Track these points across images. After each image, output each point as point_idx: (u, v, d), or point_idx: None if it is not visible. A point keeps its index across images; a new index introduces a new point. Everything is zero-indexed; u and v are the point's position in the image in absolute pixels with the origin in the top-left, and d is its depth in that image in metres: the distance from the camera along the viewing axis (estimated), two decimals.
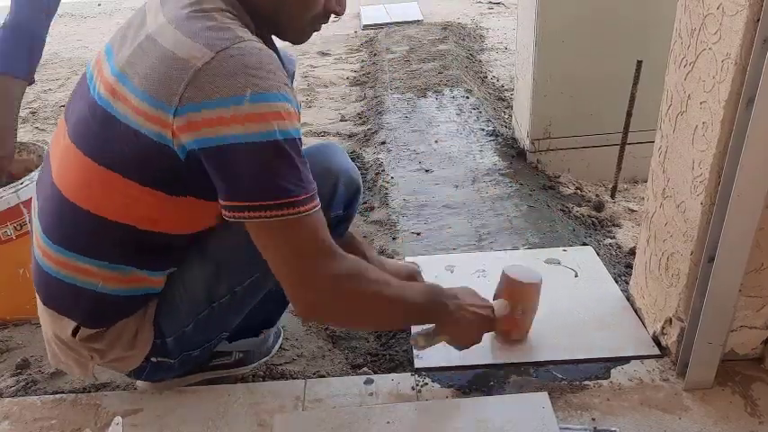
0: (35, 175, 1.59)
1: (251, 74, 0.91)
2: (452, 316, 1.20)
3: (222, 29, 0.95)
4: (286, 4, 1.05)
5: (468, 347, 1.29)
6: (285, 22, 1.08)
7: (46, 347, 1.23)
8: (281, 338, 1.51)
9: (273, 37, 1.13)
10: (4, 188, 1.55)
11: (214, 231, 1.12)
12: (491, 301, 1.32)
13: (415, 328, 1.31)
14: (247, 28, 1.00)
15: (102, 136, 1.00)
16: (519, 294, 1.34)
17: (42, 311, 1.16)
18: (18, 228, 1.59)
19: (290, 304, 1.45)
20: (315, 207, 0.97)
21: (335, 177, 1.20)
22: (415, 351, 1.41)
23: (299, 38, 1.13)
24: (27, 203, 1.58)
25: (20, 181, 1.57)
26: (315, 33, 1.14)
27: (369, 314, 1.11)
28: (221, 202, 0.96)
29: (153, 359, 1.18)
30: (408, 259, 1.81)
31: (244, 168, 0.92)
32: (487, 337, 1.45)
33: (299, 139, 0.96)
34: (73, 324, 1.11)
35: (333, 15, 1.11)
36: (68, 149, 1.06)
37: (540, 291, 1.35)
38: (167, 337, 1.16)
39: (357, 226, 2.10)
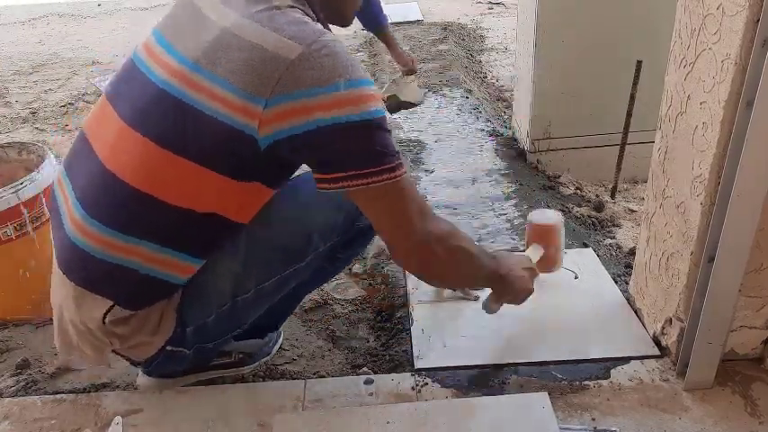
0: (35, 175, 1.59)
1: (340, 63, 0.99)
2: (510, 280, 1.30)
3: (303, 23, 1.02)
4: None
5: (520, 303, 1.37)
6: (342, 9, 1.19)
7: (56, 336, 1.21)
8: (281, 339, 1.52)
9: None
10: (4, 188, 1.55)
11: (248, 227, 1.14)
12: (527, 251, 1.48)
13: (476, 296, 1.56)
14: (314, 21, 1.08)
15: (172, 122, 1.03)
16: (547, 236, 1.50)
17: (66, 295, 1.14)
18: (18, 228, 1.58)
19: (295, 309, 1.48)
20: (406, 171, 1.06)
21: None
22: (415, 351, 1.42)
23: (348, 22, 1.24)
24: (27, 203, 1.58)
25: (19, 181, 1.57)
26: None
27: (458, 268, 1.19)
28: (322, 176, 1.03)
29: (168, 348, 1.17)
30: None
31: (347, 144, 1.00)
32: (488, 338, 1.46)
33: (385, 116, 1.05)
34: (106, 305, 1.11)
35: None
36: (125, 133, 1.06)
37: (563, 227, 1.53)
38: (188, 327, 1.16)
39: None
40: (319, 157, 1.03)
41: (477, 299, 1.55)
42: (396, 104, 2.81)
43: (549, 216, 1.55)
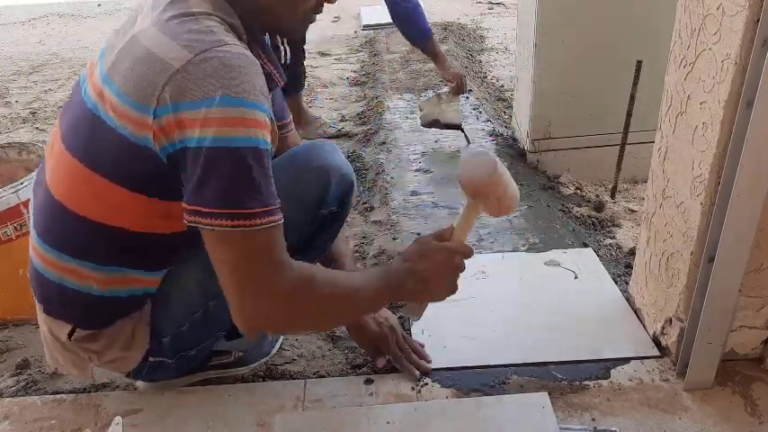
0: (34, 175, 1.59)
1: (225, 77, 0.90)
2: (414, 285, 1.09)
3: (205, 32, 0.95)
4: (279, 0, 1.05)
5: (449, 296, 1.13)
6: (279, 16, 1.07)
7: (44, 349, 1.24)
8: (281, 339, 1.51)
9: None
10: (4, 188, 1.55)
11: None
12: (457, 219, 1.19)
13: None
14: (235, 32, 1.00)
15: (91, 139, 1.01)
16: (485, 189, 1.15)
17: (39, 313, 1.16)
18: (18, 228, 1.60)
19: None
20: (271, 222, 0.94)
21: (327, 174, 1.21)
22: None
23: (294, 32, 1.13)
24: (27, 203, 1.58)
25: (20, 181, 1.57)
26: (315, 34, 1.14)
27: (324, 315, 1.07)
28: (183, 204, 0.94)
29: (151, 359, 1.18)
30: None
31: (205, 173, 0.91)
32: (488, 338, 1.46)
33: (266, 150, 0.94)
34: (67, 327, 1.12)
35: (325, 2, 1.10)
36: (60, 152, 1.06)
37: (502, 169, 1.12)
38: (163, 337, 1.16)
39: (357, 226, 2.10)
40: (184, 180, 0.94)
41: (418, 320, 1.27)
42: (431, 122, 2.62)
43: (483, 164, 1.14)
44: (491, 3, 5.59)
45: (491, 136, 2.71)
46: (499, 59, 4.09)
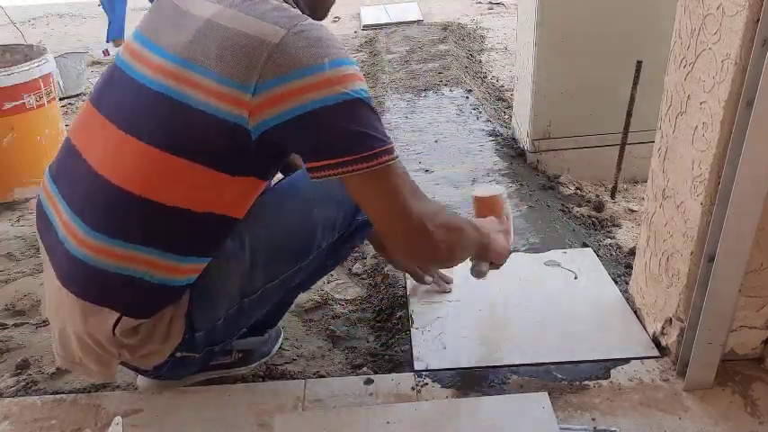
0: (48, 56, 2.24)
1: (324, 45, 0.97)
2: (492, 245, 1.32)
3: (285, 9, 1.02)
4: None
5: (506, 260, 1.41)
6: (320, 3, 1.18)
7: (56, 348, 1.18)
8: (281, 338, 1.52)
9: None
10: (29, 62, 2.00)
11: (250, 227, 1.14)
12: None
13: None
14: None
15: (162, 121, 1.01)
16: (492, 207, 1.44)
17: (70, 310, 1.10)
18: (38, 99, 1.99)
19: (291, 306, 1.48)
20: (397, 155, 1.04)
21: None
22: (415, 352, 1.42)
23: (323, 16, 1.22)
24: (44, 78, 2.09)
25: (39, 59, 2.04)
26: None
27: (455, 245, 1.17)
28: (313, 164, 1.00)
29: (177, 354, 1.16)
30: None
31: (336, 126, 0.97)
32: (488, 338, 1.46)
33: (370, 97, 1.03)
34: (113, 317, 1.08)
35: None
36: (118, 138, 1.05)
37: (506, 198, 1.48)
38: (198, 332, 1.15)
39: None
40: (309, 143, 1.00)
41: (450, 291, 1.62)
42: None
43: (493, 189, 1.51)
44: (491, 3, 5.59)
45: (491, 136, 2.71)
46: (499, 59, 4.09)
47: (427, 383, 1.34)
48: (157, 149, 1.01)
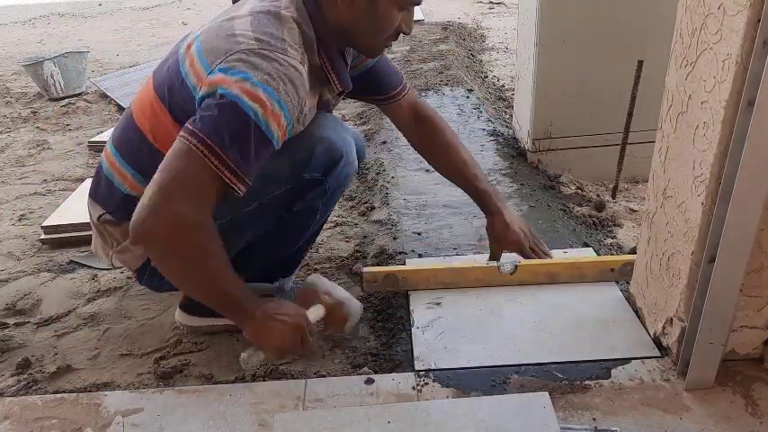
0: None
1: (273, 74, 1.16)
2: (255, 322, 1.22)
3: (279, 38, 1.20)
4: (362, 26, 1.29)
5: (282, 357, 1.33)
6: (360, 39, 1.33)
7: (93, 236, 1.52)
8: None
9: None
10: None
11: None
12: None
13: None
14: (305, 40, 1.25)
15: (166, 72, 1.32)
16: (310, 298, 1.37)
17: (88, 204, 1.49)
18: None
19: (304, 254, 1.70)
20: (228, 178, 1.13)
21: (314, 142, 1.36)
22: (416, 352, 1.42)
23: (373, 53, 1.43)
24: None
25: None
26: None
27: (183, 265, 1.17)
28: (187, 122, 1.16)
29: (152, 264, 1.32)
30: (409, 261, 1.81)
31: (214, 111, 1.14)
32: (488, 338, 1.46)
33: (267, 137, 1.16)
34: (100, 210, 1.42)
35: (402, 33, 1.34)
36: (150, 94, 1.35)
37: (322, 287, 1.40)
38: None
39: (358, 226, 2.10)
40: (198, 110, 1.19)
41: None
42: None
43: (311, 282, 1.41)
44: (491, 2, 5.59)
45: (491, 136, 2.71)
46: (499, 59, 4.09)
47: (428, 383, 1.34)
48: (153, 91, 1.33)
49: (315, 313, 1.34)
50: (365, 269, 1.64)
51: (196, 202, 1.13)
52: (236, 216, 1.34)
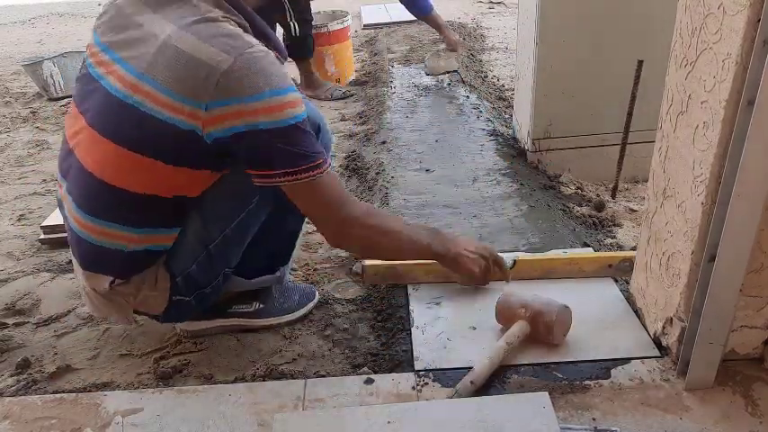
0: None
1: (265, 74, 1.16)
2: (447, 260, 1.49)
3: (233, 36, 1.18)
4: None
5: (470, 284, 1.60)
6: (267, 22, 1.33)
7: (85, 302, 1.44)
8: (311, 303, 1.65)
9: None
10: (342, 18, 3.05)
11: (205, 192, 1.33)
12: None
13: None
14: (242, 29, 1.23)
15: (132, 127, 1.20)
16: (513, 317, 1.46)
17: (80, 273, 1.38)
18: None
19: (296, 240, 1.67)
20: (329, 167, 1.26)
21: (319, 122, 1.43)
22: (415, 352, 1.42)
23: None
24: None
25: (344, 17, 2.87)
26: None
27: (383, 245, 1.40)
28: (254, 172, 1.23)
29: (174, 298, 1.37)
30: None
31: (272, 146, 1.18)
32: (489, 338, 1.46)
33: (305, 118, 1.22)
34: (107, 279, 1.33)
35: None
36: (92, 136, 1.26)
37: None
38: (177, 277, 1.35)
39: None
40: (249, 156, 1.21)
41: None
42: (435, 69, 3.50)
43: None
44: (491, 2, 5.59)
45: (491, 135, 2.71)
46: (499, 59, 4.09)
47: (428, 383, 1.34)
48: (125, 149, 1.22)
49: (519, 330, 1.40)
50: (366, 262, 1.68)
51: (346, 200, 1.30)
52: (242, 216, 1.38)
